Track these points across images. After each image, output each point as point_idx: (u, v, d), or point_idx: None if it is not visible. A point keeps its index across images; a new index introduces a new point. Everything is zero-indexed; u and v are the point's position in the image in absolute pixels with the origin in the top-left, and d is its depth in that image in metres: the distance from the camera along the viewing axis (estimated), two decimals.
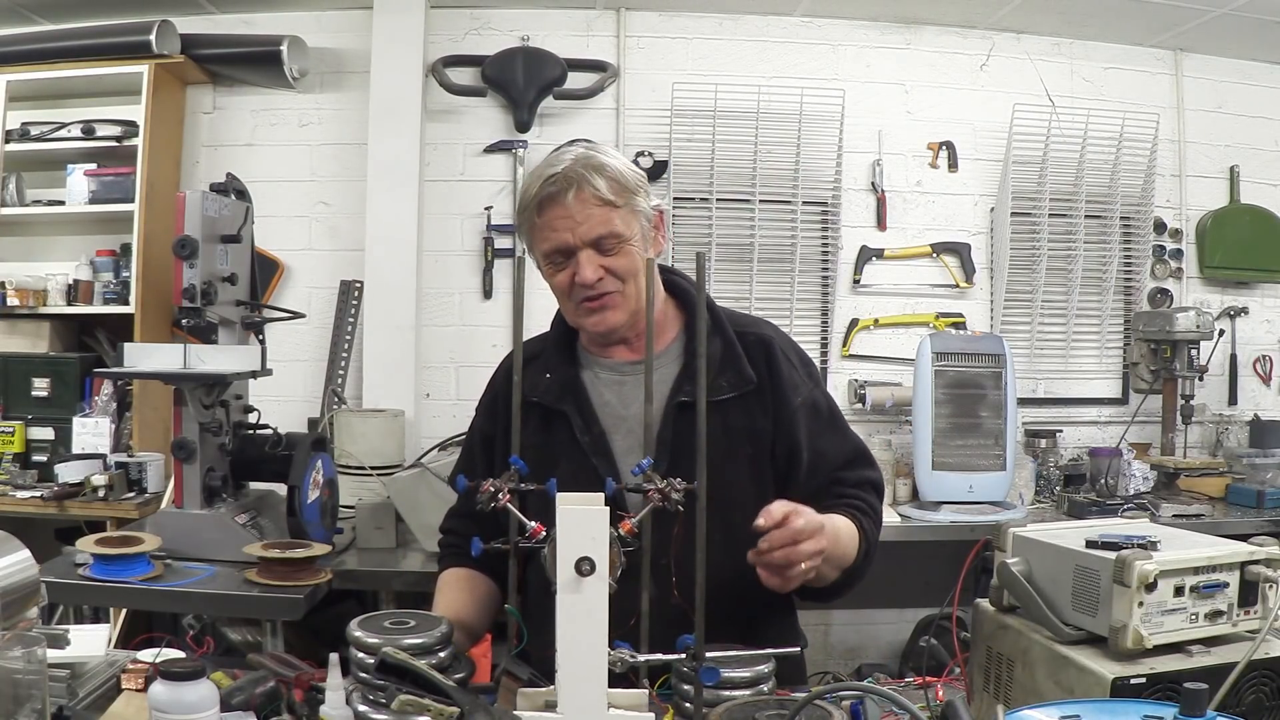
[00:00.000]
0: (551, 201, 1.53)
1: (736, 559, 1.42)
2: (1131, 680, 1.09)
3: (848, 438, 1.71)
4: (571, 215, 1.52)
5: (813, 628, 3.75)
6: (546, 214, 1.54)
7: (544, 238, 1.55)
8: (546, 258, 1.57)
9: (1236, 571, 1.18)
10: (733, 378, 1.60)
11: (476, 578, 1.67)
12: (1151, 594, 1.12)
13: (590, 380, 1.65)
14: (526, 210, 1.57)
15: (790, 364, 1.66)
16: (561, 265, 1.56)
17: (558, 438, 1.60)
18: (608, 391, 1.64)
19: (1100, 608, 1.15)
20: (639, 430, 1.54)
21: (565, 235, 1.53)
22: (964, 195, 3.94)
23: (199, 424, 2.26)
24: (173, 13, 3.60)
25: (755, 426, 1.60)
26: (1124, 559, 1.13)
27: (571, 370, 1.65)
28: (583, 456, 1.58)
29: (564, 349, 1.68)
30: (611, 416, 1.62)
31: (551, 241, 1.55)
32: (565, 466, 1.55)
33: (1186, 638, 1.15)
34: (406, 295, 3.60)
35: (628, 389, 1.62)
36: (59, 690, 1.36)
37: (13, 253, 3.69)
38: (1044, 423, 3.87)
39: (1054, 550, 1.24)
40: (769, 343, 1.66)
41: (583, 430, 1.59)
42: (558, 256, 1.56)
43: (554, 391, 1.62)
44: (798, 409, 1.63)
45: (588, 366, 1.67)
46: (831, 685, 1.44)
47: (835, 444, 1.67)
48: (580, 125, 3.77)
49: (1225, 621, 1.18)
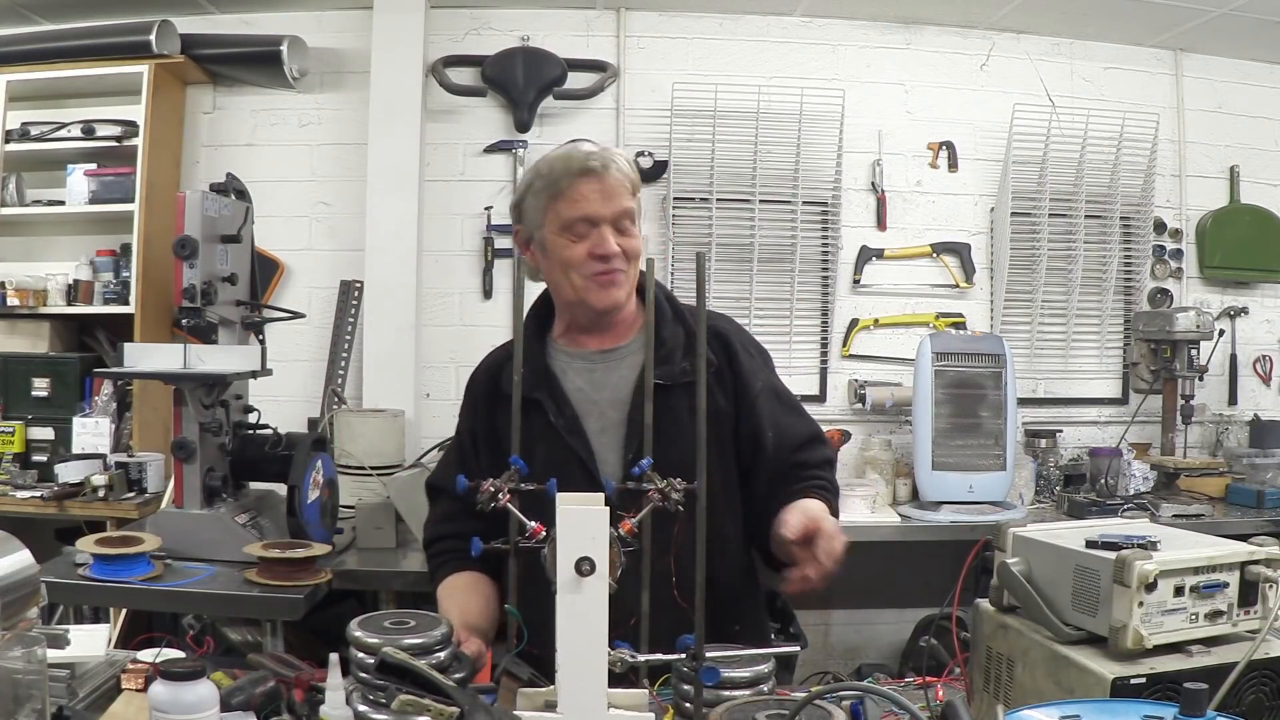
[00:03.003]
0: (591, 175, 1.64)
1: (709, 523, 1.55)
2: (1131, 680, 1.09)
3: (805, 420, 1.82)
4: (606, 189, 1.64)
5: (813, 628, 3.75)
6: (582, 185, 1.64)
7: (573, 206, 1.64)
8: (569, 227, 1.65)
9: (1236, 571, 1.18)
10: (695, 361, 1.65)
11: (482, 580, 1.68)
12: (1151, 594, 1.12)
13: (561, 369, 1.74)
14: (555, 181, 1.65)
15: (748, 353, 1.78)
16: (582, 236, 1.65)
17: (534, 424, 1.67)
18: (578, 378, 1.73)
19: (1100, 608, 1.15)
20: (610, 413, 1.69)
21: (598, 206, 1.64)
22: (964, 195, 3.94)
23: (199, 424, 2.26)
24: (173, 13, 3.60)
25: (717, 407, 1.69)
26: (1124, 559, 1.13)
27: (542, 362, 1.74)
28: (558, 438, 1.67)
29: (536, 342, 1.76)
30: (584, 401, 1.71)
31: (582, 209, 1.64)
32: (543, 449, 1.65)
33: (1186, 638, 1.15)
34: (406, 295, 3.60)
35: (598, 375, 1.73)
36: (59, 690, 1.36)
37: (13, 253, 3.69)
38: (1044, 423, 3.86)
39: (1054, 550, 1.24)
40: (725, 335, 1.77)
41: (556, 414, 1.68)
42: (582, 226, 1.65)
43: (528, 381, 1.67)
44: (759, 393, 1.74)
45: (557, 357, 1.76)
46: (831, 685, 1.44)
47: (795, 425, 1.78)
48: (580, 125, 3.77)
49: (1225, 621, 1.18)
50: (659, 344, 1.66)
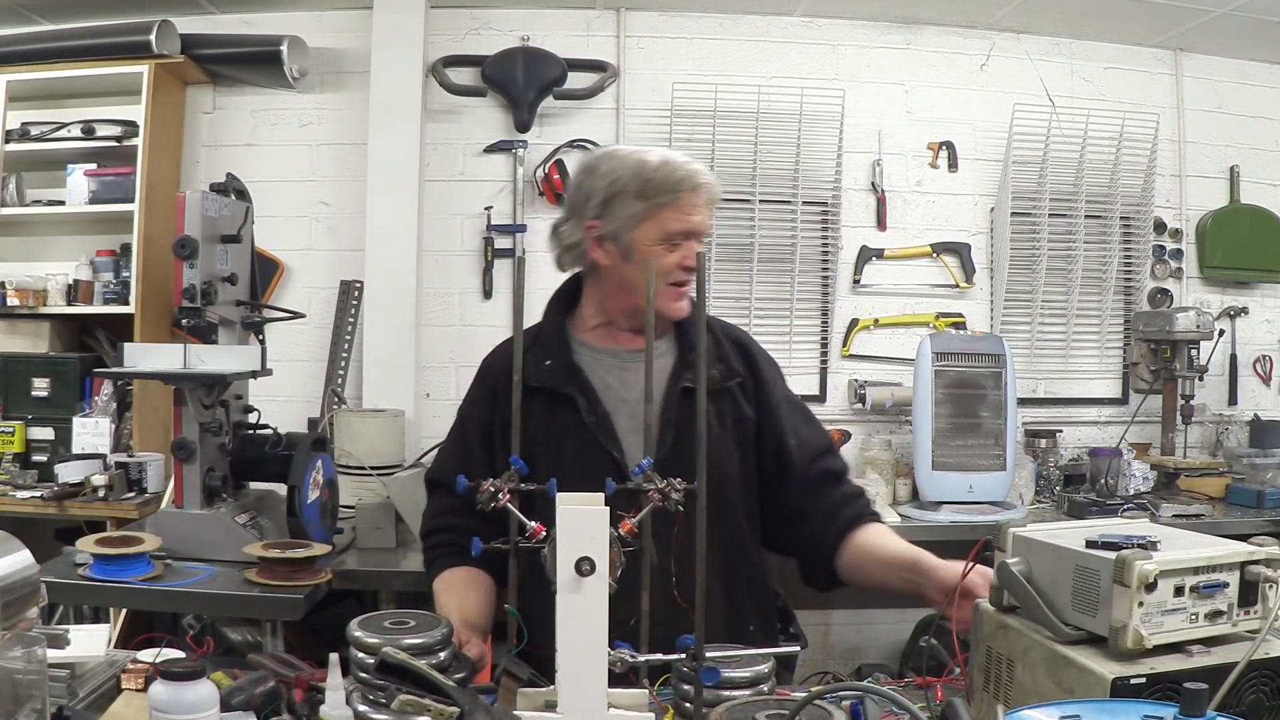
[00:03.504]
0: (701, 189, 1.70)
1: (725, 533, 1.65)
2: (1131, 680, 1.08)
3: (820, 428, 1.89)
4: (707, 206, 1.72)
5: (813, 628, 3.75)
6: (693, 198, 1.69)
7: (682, 219, 1.68)
8: (669, 237, 1.68)
9: (1236, 571, 1.18)
10: (723, 369, 1.76)
11: (480, 576, 1.68)
12: (1151, 594, 1.12)
13: (590, 366, 1.74)
14: (663, 190, 1.67)
15: (767, 363, 1.85)
16: (676, 247, 1.69)
17: (563, 420, 1.68)
18: (608, 376, 1.74)
19: (1100, 608, 1.15)
20: (640, 413, 1.63)
21: (701, 220, 1.71)
22: (964, 195, 3.94)
23: (199, 424, 2.26)
24: (173, 13, 3.60)
25: (741, 414, 1.76)
26: (1124, 559, 1.13)
27: (569, 357, 1.74)
28: (589, 435, 1.67)
29: (557, 338, 1.76)
30: (614, 399, 1.72)
31: (689, 222, 1.69)
32: (572, 446, 1.66)
33: (1186, 638, 1.15)
34: (406, 295, 3.60)
35: (629, 374, 1.72)
36: (59, 690, 1.36)
37: (13, 253, 3.69)
38: (1044, 423, 3.86)
39: (1054, 550, 1.24)
40: (746, 345, 1.84)
41: (588, 412, 1.68)
42: (679, 237, 1.69)
43: (558, 376, 1.71)
44: (779, 403, 1.80)
45: (583, 353, 1.76)
46: (831, 685, 1.44)
47: (813, 434, 1.85)
48: (580, 125, 3.78)
49: (1225, 621, 1.18)
50: (690, 349, 1.70)
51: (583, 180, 1.75)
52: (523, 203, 3.76)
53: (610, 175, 1.71)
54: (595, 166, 1.74)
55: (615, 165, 1.71)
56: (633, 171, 1.69)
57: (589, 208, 1.72)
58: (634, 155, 1.71)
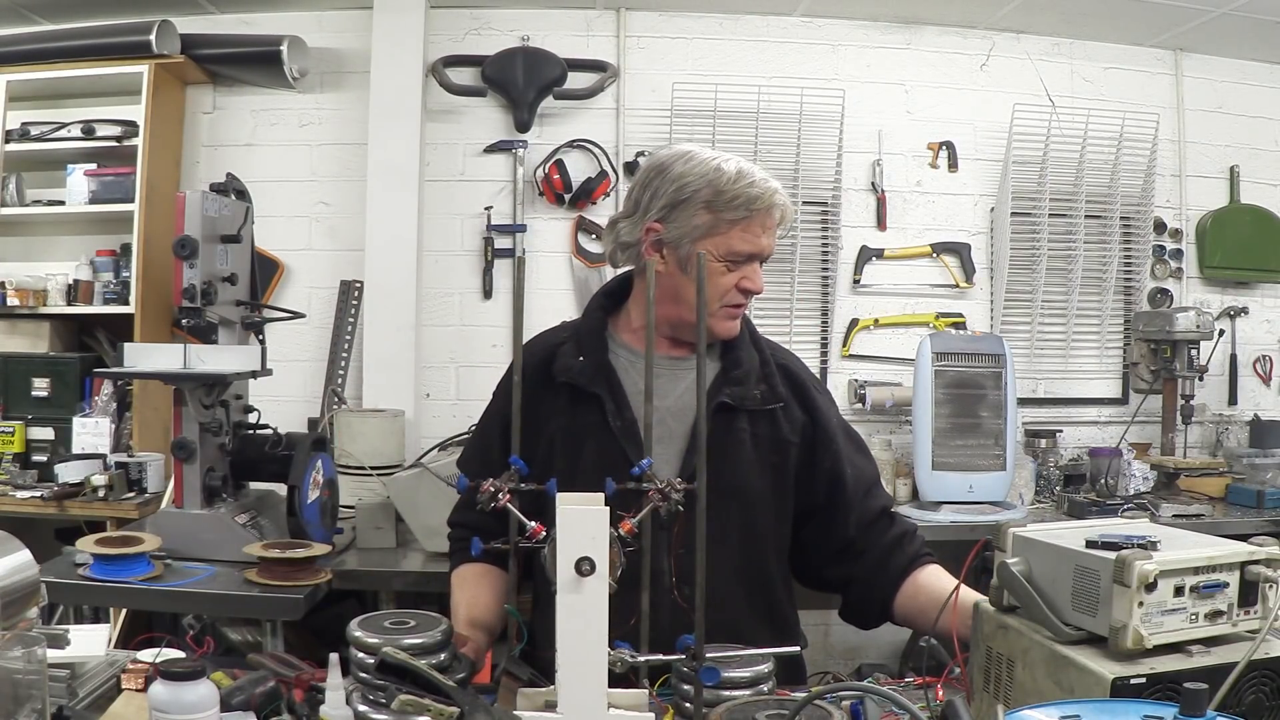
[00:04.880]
0: (773, 210, 1.61)
1: (753, 555, 1.62)
2: (1131, 680, 1.08)
3: (871, 460, 1.82)
4: (774, 229, 1.64)
5: (813, 628, 3.75)
6: (764, 218, 1.61)
7: (750, 240, 1.61)
8: (734, 255, 1.61)
9: (1236, 571, 1.18)
10: (766, 392, 1.69)
11: (494, 572, 1.67)
12: (1151, 594, 1.12)
13: (623, 368, 1.68)
14: (736, 205, 1.59)
15: (818, 390, 1.78)
16: (736, 266, 1.62)
17: (586, 420, 1.63)
18: (641, 380, 1.66)
19: (1100, 608, 1.15)
20: (669, 421, 1.63)
21: (766, 242, 1.63)
22: (964, 195, 3.94)
23: (199, 424, 2.26)
24: (173, 13, 3.60)
25: (780, 437, 1.68)
26: (1124, 559, 1.13)
27: (603, 356, 1.68)
28: (612, 439, 1.61)
29: (595, 336, 1.70)
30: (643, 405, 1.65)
31: (755, 244, 1.62)
32: (592, 447, 1.61)
33: (1186, 638, 1.15)
34: (406, 295, 3.60)
35: (663, 381, 1.64)
36: (59, 690, 1.36)
37: (13, 253, 3.69)
38: (1044, 423, 3.87)
39: (1054, 550, 1.24)
40: (794, 371, 1.77)
41: (615, 414, 1.63)
42: (742, 258, 1.62)
43: (587, 374, 1.65)
44: (835, 432, 1.73)
45: (619, 353, 1.70)
46: (831, 685, 1.44)
47: (866, 466, 1.79)
48: (580, 125, 3.78)
49: (1225, 621, 1.18)
50: (734, 365, 1.67)
51: (651, 178, 1.66)
52: (523, 203, 3.76)
53: (681, 179, 1.61)
54: (668, 167, 1.64)
55: (689, 169, 1.62)
56: (706, 180, 1.59)
57: (653, 209, 1.64)
58: (711, 162, 1.61)
